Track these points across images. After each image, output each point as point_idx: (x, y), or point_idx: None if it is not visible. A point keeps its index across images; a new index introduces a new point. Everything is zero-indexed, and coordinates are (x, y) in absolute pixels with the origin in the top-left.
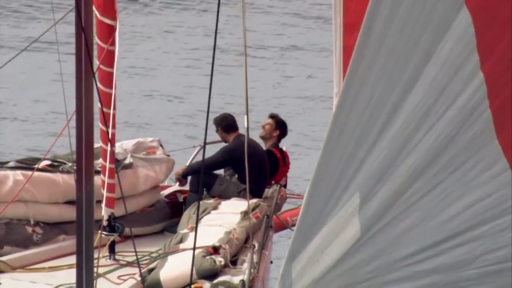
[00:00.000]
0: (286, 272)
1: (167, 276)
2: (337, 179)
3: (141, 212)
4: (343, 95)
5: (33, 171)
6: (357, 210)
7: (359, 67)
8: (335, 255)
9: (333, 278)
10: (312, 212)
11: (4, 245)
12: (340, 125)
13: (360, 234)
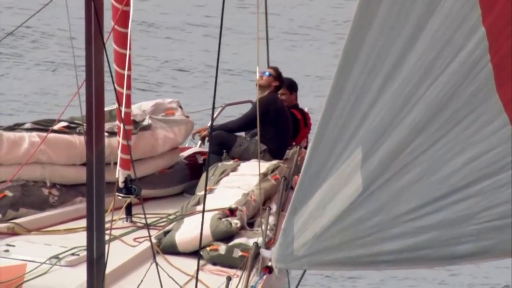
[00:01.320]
0: (288, 226)
1: (182, 239)
2: (338, 134)
3: (160, 174)
4: (345, 50)
5: (48, 132)
6: (359, 166)
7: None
8: (337, 210)
9: (334, 233)
10: (314, 167)
11: (20, 207)
12: (342, 80)
13: (362, 189)
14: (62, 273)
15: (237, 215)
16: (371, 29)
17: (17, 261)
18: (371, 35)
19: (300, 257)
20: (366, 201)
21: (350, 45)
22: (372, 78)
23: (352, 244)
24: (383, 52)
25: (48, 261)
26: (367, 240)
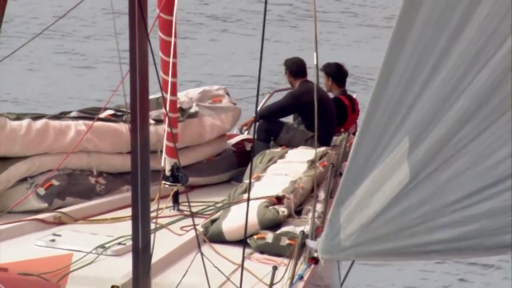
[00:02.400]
0: (334, 217)
1: (229, 227)
2: (385, 124)
3: (207, 161)
4: (392, 40)
5: (94, 120)
6: (406, 156)
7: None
8: (384, 200)
9: (381, 224)
10: (360, 158)
11: (67, 196)
12: (389, 70)
13: (409, 180)
14: (108, 263)
15: (285, 203)
16: (417, 19)
17: (63, 250)
18: (418, 26)
19: (346, 248)
20: (413, 191)
21: (397, 36)
22: (419, 69)
23: (399, 234)
24: (429, 42)
25: (94, 251)
26: (415, 230)
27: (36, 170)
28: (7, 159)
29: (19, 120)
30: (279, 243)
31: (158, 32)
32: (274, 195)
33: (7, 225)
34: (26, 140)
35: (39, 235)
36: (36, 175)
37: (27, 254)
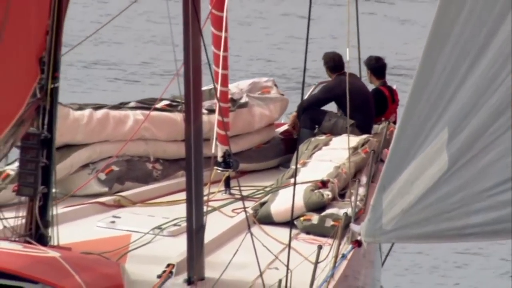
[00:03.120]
0: (376, 203)
1: (277, 209)
2: (426, 116)
3: (257, 148)
4: (433, 35)
5: (151, 110)
6: (445, 145)
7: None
8: (424, 187)
9: (421, 209)
10: (402, 147)
11: (126, 181)
12: (430, 64)
13: (447, 167)
14: (164, 243)
15: (329, 187)
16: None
17: (122, 231)
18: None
19: (388, 231)
20: (451, 178)
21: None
22: (459, 63)
23: (438, 218)
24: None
25: (151, 232)
26: (453, 215)
27: (97, 157)
28: (70, 146)
29: (81, 110)
30: (324, 224)
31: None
32: (319, 179)
33: (70, 208)
34: (88, 128)
35: (100, 217)
36: (97, 161)
37: (89, 234)
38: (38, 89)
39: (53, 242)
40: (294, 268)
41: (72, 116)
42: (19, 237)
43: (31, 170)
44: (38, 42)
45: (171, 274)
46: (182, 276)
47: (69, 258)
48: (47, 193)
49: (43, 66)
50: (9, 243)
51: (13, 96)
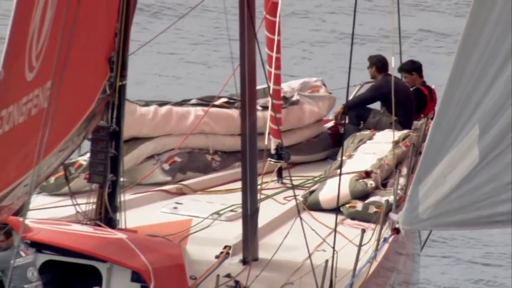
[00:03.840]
0: (413, 193)
1: (325, 197)
2: (458, 115)
3: (307, 142)
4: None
5: (210, 106)
6: (476, 142)
7: (479, 13)
8: (456, 179)
9: (454, 199)
10: (436, 144)
11: (187, 171)
12: (461, 67)
13: (478, 161)
14: (222, 227)
15: (372, 177)
16: (489, 19)
17: (184, 216)
18: (488, 27)
19: (424, 220)
20: (482, 171)
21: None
22: (488, 66)
23: (469, 207)
24: (498, 44)
25: (210, 217)
26: (483, 204)
27: (162, 149)
28: (137, 139)
29: (147, 106)
30: (368, 210)
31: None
32: (364, 170)
33: (137, 195)
34: (153, 123)
35: (163, 203)
36: (161, 153)
37: (153, 219)
38: (108, 86)
39: (120, 226)
40: (339, 250)
41: (139, 112)
42: (90, 221)
43: (101, 160)
44: (107, 44)
45: (228, 255)
46: (238, 256)
47: (135, 240)
48: (115, 180)
49: (112, 65)
50: (81, 226)
51: (85, 93)
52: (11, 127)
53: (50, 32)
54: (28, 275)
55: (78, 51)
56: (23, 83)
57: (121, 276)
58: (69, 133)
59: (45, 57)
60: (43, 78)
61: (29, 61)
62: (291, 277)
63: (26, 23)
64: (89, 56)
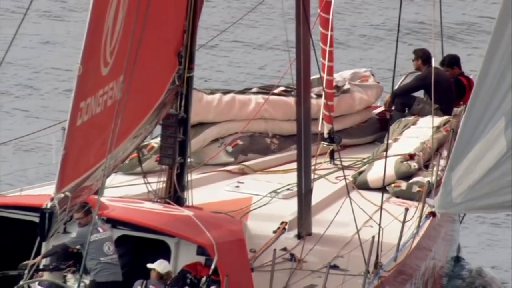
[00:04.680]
0: (447, 180)
1: (373, 177)
2: (485, 108)
3: (357, 126)
4: (494, 34)
5: (269, 95)
6: (503, 132)
7: (508, 8)
8: (486, 167)
9: (484, 184)
10: (466, 134)
11: (248, 153)
12: (488, 64)
13: (505, 151)
14: (279, 204)
15: (415, 159)
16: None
17: (245, 194)
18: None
19: (457, 204)
20: (509, 159)
21: (498, 29)
22: (507, 69)
23: (498, 192)
24: None
25: (268, 195)
26: (509, 190)
27: (225, 133)
28: (203, 124)
29: (213, 95)
30: (411, 190)
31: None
32: (408, 153)
33: (203, 174)
34: (218, 110)
35: (226, 182)
36: (225, 136)
37: (217, 197)
38: (177, 78)
39: (187, 203)
40: (385, 226)
41: (205, 99)
42: (160, 199)
43: (171, 144)
44: (176, 39)
45: (284, 230)
46: (293, 232)
47: (200, 217)
48: (183, 163)
49: (180, 59)
50: (153, 203)
51: (157, 84)
52: (89, 117)
53: (122, 31)
54: (104, 249)
55: (149, 47)
56: (99, 77)
57: (187, 250)
58: (142, 121)
59: (118, 53)
60: (116, 72)
61: (104, 58)
62: (341, 251)
63: (100, 24)
64: (160, 51)
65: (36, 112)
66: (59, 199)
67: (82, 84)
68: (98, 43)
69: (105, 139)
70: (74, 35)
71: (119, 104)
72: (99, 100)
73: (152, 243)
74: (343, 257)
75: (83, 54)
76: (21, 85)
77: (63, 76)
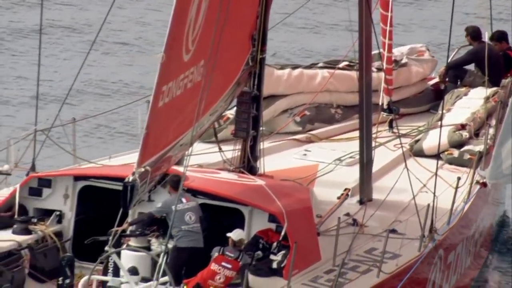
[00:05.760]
0: (497, 154)
1: (428, 145)
2: None
3: (414, 97)
4: None
5: (335, 69)
6: None
7: None
8: None
9: None
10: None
11: (315, 122)
12: None
13: None
14: (342, 171)
15: (467, 129)
16: None
17: (311, 162)
18: None
19: (506, 175)
20: None
21: None
22: None
23: None
24: None
25: (333, 162)
26: None
27: (294, 104)
28: (274, 96)
29: (282, 70)
30: (463, 157)
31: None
32: (459, 122)
33: (273, 143)
34: (287, 83)
35: (295, 150)
36: (293, 107)
37: (286, 165)
38: (250, 59)
39: (260, 171)
40: (439, 194)
41: (276, 74)
42: (235, 168)
43: (245, 118)
44: (250, 24)
45: (347, 196)
46: (356, 197)
47: (271, 186)
48: (256, 135)
49: (254, 42)
50: (228, 173)
51: (233, 65)
52: (170, 99)
53: (205, 20)
54: (186, 218)
55: (228, 33)
56: (180, 63)
57: (260, 218)
58: (218, 99)
59: (199, 41)
60: (197, 58)
61: (186, 46)
62: (399, 216)
63: (184, 16)
64: (236, 36)
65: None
66: (139, 173)
67: (164, 70)
68: (181, 33)
69: (183, 118)
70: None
71: (203, 85)
72: (179, 84)
73: (229, 211)
74: (401, 221)
75: (166, 43)
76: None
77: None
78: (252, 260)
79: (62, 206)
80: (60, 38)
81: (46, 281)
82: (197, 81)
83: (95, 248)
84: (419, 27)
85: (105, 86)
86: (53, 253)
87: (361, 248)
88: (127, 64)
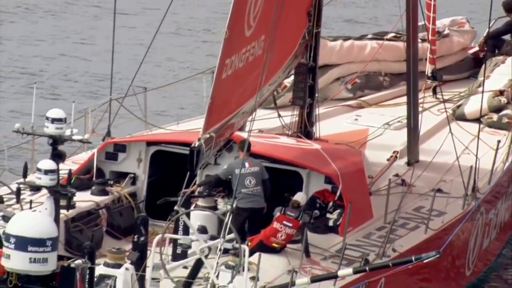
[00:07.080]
0: None
1: (469, 110)
2: None
3: (455, 64)
4: None
5: (384, 40)
6: None
7: None
8: None
9: None
10: None
11: (365, 89)
12: None
13: None
14: (391, 135)
15: (505, 95)
16: None
17: (362, 126)
18: None
19: None
20: None
21: None
22: None
23: None
24: None
25: (382, 127)
26: None
27: (345, 73)
28: (327, 66)
29: (335, 41)
30: (501, 121)
31: None
32: (498, 89)
33: (327, 109)
34: (339, 53)
35: (347, 116)
36: (345, 76)
37: (339, 129)
38: (307, 33)
39: (315, 135)
40: (481, 157)
41: (329, 45)
42: (293, 133)
43: (301, 88)
44: (307, 1)
45: (396, 158)
46: (403, 159)
47: (327, 150)
48: (312, 103)
49: (310, 17)
50: (287, 138)
51: (291, 39)
52: (233, 71)
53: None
54: (246, 182)
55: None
56: (243, 38)
57: (316, 179)
58: (278, 71)
59: (260, 17)
60: (258, 33)
61: (248, 22)
62: (444, 176)
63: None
64: (294, 12)
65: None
66: (205, 138)
67: (227, 45)
68: (242, 11)
69: (245, 88)
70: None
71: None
72: (241, 57)
73: (288, 173)
74: (446, 182)
75: (229, 20)
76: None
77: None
78: (310, 218)
79: (136, 169)
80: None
81: (122, 238)
82: (258, 54)
83: (166, 207)
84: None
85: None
86: (128, 213)
87: (410, 207)
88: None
